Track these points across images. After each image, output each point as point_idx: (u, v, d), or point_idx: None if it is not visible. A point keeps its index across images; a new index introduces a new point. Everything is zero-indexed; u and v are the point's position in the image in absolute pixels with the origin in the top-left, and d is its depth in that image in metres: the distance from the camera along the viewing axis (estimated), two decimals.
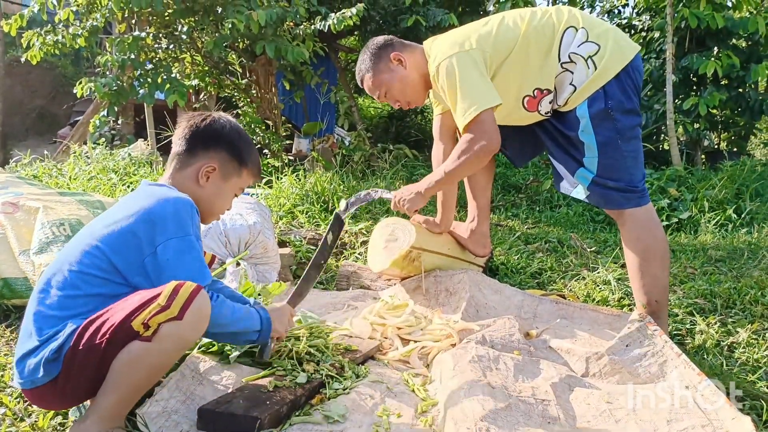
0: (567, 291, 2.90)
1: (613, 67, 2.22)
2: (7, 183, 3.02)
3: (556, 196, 5.14)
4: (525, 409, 1.60)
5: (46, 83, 12.40)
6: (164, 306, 1.41)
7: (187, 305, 1.42)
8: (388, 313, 2.29)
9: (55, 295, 1.51)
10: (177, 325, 1.41)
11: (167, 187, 1.69)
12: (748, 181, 4.84)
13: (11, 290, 2.41)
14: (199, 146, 1.74)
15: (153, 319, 1.40)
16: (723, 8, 6.23)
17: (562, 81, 2.29)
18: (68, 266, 1.53)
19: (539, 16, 2.33)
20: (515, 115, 2.41)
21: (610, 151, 2.26)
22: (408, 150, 6.24)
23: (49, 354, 1.44)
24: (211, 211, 1.80)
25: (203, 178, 1.73)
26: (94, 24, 4.66)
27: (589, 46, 2.25)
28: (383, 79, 2.49)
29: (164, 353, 1.45)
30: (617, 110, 2.23)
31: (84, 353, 1.42)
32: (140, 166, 5.15)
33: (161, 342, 1.41)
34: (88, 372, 1.44)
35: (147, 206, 1.56)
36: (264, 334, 1.69)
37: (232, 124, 1.81)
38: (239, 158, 1.78)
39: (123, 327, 1.41)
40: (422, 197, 2.46)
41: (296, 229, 3.62)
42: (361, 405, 1.65)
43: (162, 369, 1.50)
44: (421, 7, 6.29)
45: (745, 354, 2.26)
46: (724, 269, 3.13)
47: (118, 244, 1.53)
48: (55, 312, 1.50)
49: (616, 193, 2.29)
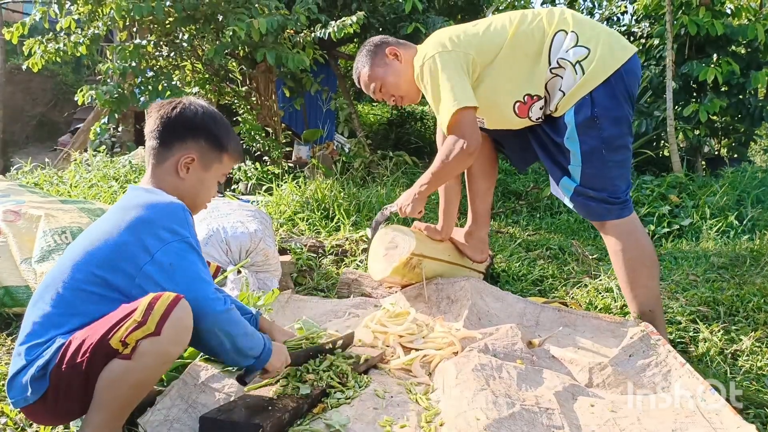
0: (569, 298, 2.89)
1: (601, 72, 2.17)
2: (9, 191, 3.02)
3: (557, 203, 5.14)
4: (529, 418, 1.59)
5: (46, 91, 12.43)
6: (140, 322, 1.35)
7: (164, 319, 1.36)
8: (389, 321, 2.28)
9: (48, 312, 1.47)
10: (156, 341, 1.36)
11: (154, 193, 1.61)
12: (749, 188, 4.84)
13: (12, 298, 2.40)
14: (173, 137, 1.65)
15: (130, 336, 1.35)
16: (722, 15, 6.26)
17: (553, 86, 2.25)
18: (61, 283, 1.48)
19: (529, 20, 2.29)
20: (506, 120, 2.39)
21: (594, 160, 2.21)
22: (408, 157, 6.25)
23: (35, 371, 1.40)
24: (195, 202, 1.72)
25: (183, 170, 1.65)
26: (95, 32, 4.68)
27: (578, 50, 2.19)
28: (378, 73, 2.50)
29: (146, 370, 1.39)
30: (604, 118, 2.18)
31: (68, 372, 1.38)
32: (141, 174, 5.16)
33: (141, 359, 1.36)
34: (75, 391, 1.40)
35: (137, 215, 1.51)
36: (261, 362, 1.59)
37: (205, 108, 1.71)
38: (218, 144, 1.70)
39: (102, 345, 1.36)
40: (419, 200, 2.50)
41: (297, 237, 3.61)
42: (364, 414, 1.64)
43: (147, 384, 1.44)
44: (420, 14, 6.32)
45: (748, 362, 2.26)
46: (727, 276, 3.12)
47: (110, 260, 1.48)
48: (46, 329, 1.45)
49: (596, 204, 2.26)
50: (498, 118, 2.41)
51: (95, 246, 1.50)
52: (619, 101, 2.19)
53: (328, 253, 3.41)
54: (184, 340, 1.43)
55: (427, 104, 2.69)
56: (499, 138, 2.63)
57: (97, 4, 4.62)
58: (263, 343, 1.58)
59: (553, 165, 2.36)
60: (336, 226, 3.85)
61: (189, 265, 1.48)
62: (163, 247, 1.47)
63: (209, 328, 1.47)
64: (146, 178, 1.69)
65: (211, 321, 1.46)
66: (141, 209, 1.52)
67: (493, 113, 2.38)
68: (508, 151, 2.67)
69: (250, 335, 1.55)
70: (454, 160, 2.31)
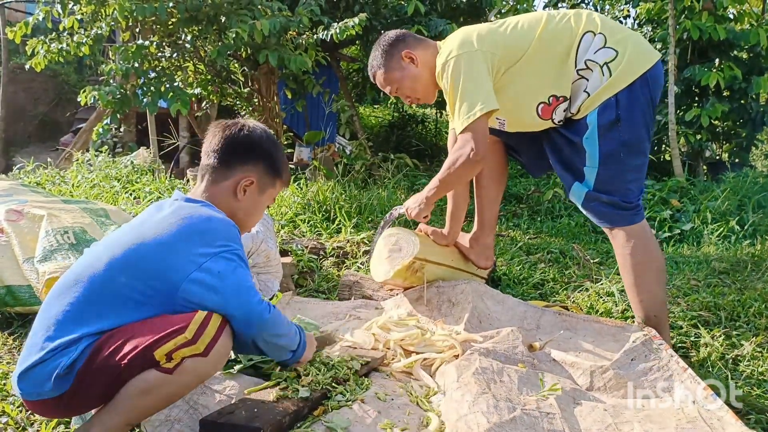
0: (570, 302, 2.89)
1: (628, 75, 2.15)
2: (12, 190, 3.03)
3: (558, 207, 5.14)
4: (530, 422, 1.59)
5: (49, 90, 12.43)
6: (190, 340, 1.38)
7: (214, 342, 1.40)
8: (393, 325, 2.28)
9: (77, 308, 1.45)
10: (201, 362, 1.39)
11: (206, 205, 1.62)
12: (750, 193, 4.84)
13: (15, 298, 2.41)
14: (235, 158, 1.67)
15: (178, 352, 1.37)
16: (725, 20, 6.26)
17: (577, 88, 2.23)
18: (98, 280, 1.46)
19: (556, 20, 2.27)
20: (529, 121, 2.36)
21: (612, 162, 2.21)
22: (409, 159, 6.25)
23: (60, 369, 1.39)
24: (245, 224, 1.74)
25: (241, 192, 1.67)
26: (98, 32, 4.68)
27: (606, 52, 2.18)
28: (394, 76, 2.47)
29: (183, 386, 1.42)
30: (626, 121, 2.17)
31: (98, 370, 1.38)
32: (143, 174, 5.17)
33: (182, 375, 1.38)
34: (98, 388, 1.41)
35: (189, 223, 1.52)
36: (296, 356, 1.67)
37: (267, 133, 1.75)
38: (275, 170, 1.73)
39: (145, 353, 1.36)
40: (427, 204, 2.50)
41: (298, 239, 3.61)
42: (364, 417, 1.64)
43: (176, 399, 1.47)
44: (423, 17, 6.31)
45: (749, 367, 2.25)
46: (728, 281, 3.12)
47: (157, 267, 1.46)
48: (75, 326, 1.43)
49: (608, 209, 2.25)
50: (520, 120, 2.39)
51: (141, 250, 1.49)
52: (643, 106, 2.18)
53: (329, 255, 3.41)
54: (221, 365, 1.50)
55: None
56: (515, 144, 2.62)
57: (100, 4, 4.62)
58: (299, 339, 1.67)
59: (564, 170, 2.35)
60: (337, 228, 3.85)
61: (237, 274, 1.50)
62: (214, 256, 1.49)
63: (257, 333, 1.53)
64: (198, 193, 1.69)
65: (258, 327, 1.52)
66: (196, 220, 1.53)
67: (516, 114, 2.36)
68: (524, 157, 2.65)
69: (290, 334, 1.64)
70: (461, 167, 2.31)
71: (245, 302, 1.49)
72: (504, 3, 6.79)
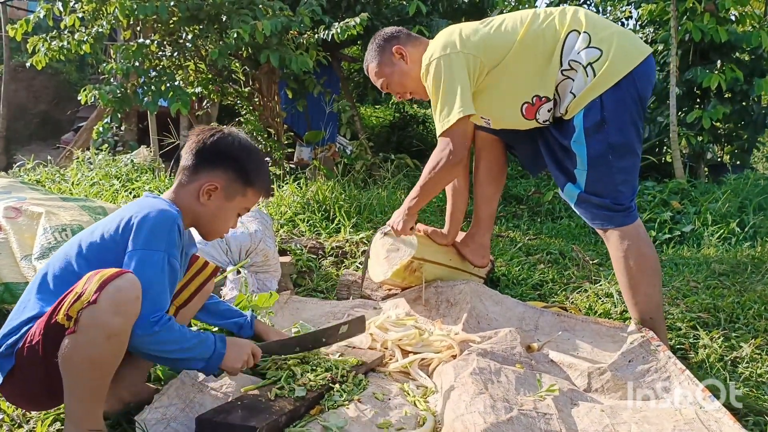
0: (568, 303, 2.88)
1: (613, 74, 2.12)
2: (10, 188, 3.02)
3: (558, 208, 5.14)
4: (527, 423, 1.58)
5: (50, 89, 12.45)
6: (80, 293, 1.36)
7: (101, 289, 1.34)
8: (391, 325, 2.27)
9: (29, 298, 1.52)
10: (95, 310, 1.34)
11: (160, 200, 1.65)
12: (751, 195, 4.83)
13: (12, 295, 2.40)
14: (204, 163, 1.69)
15: (72, 308, 1.35)
16: (727, 22, 6.25)
17: (564, 88, 2.21)
18: (53, 270, 1.53)
19: (541, 20, 2.25)
20: (513, 120, 2.37)
21: (600, 165, 2.18)
22: (409, 159, 6.25)
23: (4, 349, 1.45)
24: (210, 230, 1.75)
25: (204, 196, 1.68)
26: (99, 30, 4.68)
27: (590, 51, 2.14)
28: (384, 71, 2.52)
29: (93, 343, 1.35)
30: (612, 122, 2.13)
31: (28, 352, 1.42)
32: (142, 173, 5.16)
33: (85, 332, 1.34)
34: (38, 371, 1.43)
35: (130, 215, 1.54)
36: (210, 366, 1.57)
37: (241, 142, 1.74)
38: (245, 178, 1.72)
39: (50, 322, 1.38)
40: (409, 216, 2.53)
41: (297, 238, 3.61)
42: (361, 416, 1.63)
43: (103, 362, 1.39)
44: (424, 17, 6.32)
45: (748, 369, 2.24)
46: (728, 283, 3.11)
47: (100, 254, 1.52)
48: (20, 313, 1.50)
49: (599, 211, 2.24)
50: (504, 119, 2.40)
51: (93, 241, 1.55)
52: (628, 105, 2.14)
53: (328, 255, 3.41)
54: (127, 311, 1.38)
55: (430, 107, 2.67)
56: (513, 142, 2.62)
57: (101, 2, 4.63)
58: (212, 349, 1.56)
59: (557, 171, 2.34)
60: (336, 227, 3.85)
61: (144, 276, 1.45)
62: (132, 251, 1.49)
63: (135, 346, 1.45)
64: (168, 192, 1.73)
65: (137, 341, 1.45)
66: (136, 210, 1.55)
67: (500, 113, 2.37)
68: (521, 156, 2.66)
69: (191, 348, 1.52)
70: (442, 170, 2.34)
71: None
72: (506, 3, 6.78)
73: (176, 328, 1.50)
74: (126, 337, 1.42)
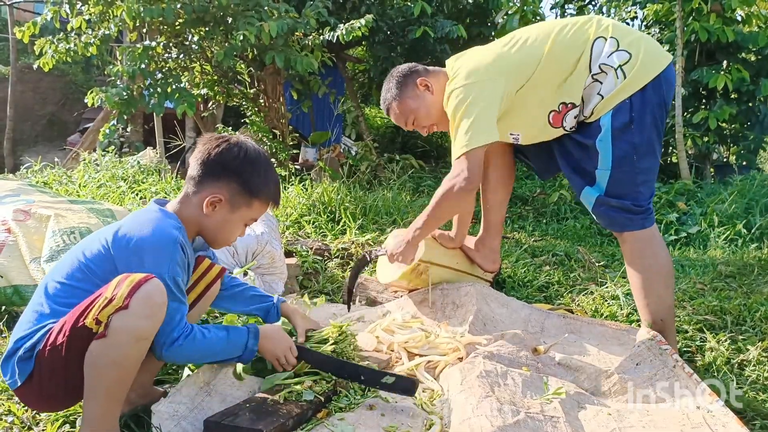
0: (574, 305, 2.88)
1: (642, 77, 2.16)
2: (19, 190, 3.04)
3: (563, 209, 5.13)
4: (534, 426, 1.58)
5: (56, 90, 12.50)
6: (110, 298, 1.39)
7: (132, 294, 1.38)
8: (397, 328, 2.28)
9: (46, 303, 1.53)
10: (124, 315, 1.38)
11: (164, 215, 1.64)
12: (758, 196, 4.80)
13: (22, 297, 2.42)
14: (208, 174, 1.68)
15: (102, 313, 1.38)
16: (733, 22, 6.22)
17: (590, 91, 2.23)
18: (60, 277, 1.55)
19: (567, 29, 2.27)
20: (542, 132, 2.37)
21: (625, 165, 2.20)
22: (415, 160, 6.26)
23: (23, 352, 1.46)
24: (216, 239, 1.75)
25: (208, 208, 1.67)
26: (105, 33, 4.70)
27: (620, 54, 2.18)
28: (410, 105, 2.47)
29: (121, 347, 1.40)
30: (639, 123, 2.17)
31: (49, 354, 1.43)
32: (149, 174, 5.18)
33: (114, 336, 1.38)
34: (59, 373, 1.45)
35: (131, 233, 1.55)
36: (245, 358, 1.66)
37: (248, 152, 1.71)
38: (249, 190, 1.70)
39: (77, 326, 1.40)
40: (411, 246, 2.47)
41: (303, 240, 3.61)
42: (368, 420, 1.64)
43: (128, 363, 1.44)
44: (429, 18, 6.32)
45: (755, 372, 2.24)
46: (734, 285, 3.10)
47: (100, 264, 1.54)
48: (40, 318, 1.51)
49: (618, 214, 2.24)
50: (533, 132, 2.40)
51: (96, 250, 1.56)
52: (654, 108, 2.18)
53: (334, 257, 3.42)
54: (155, 315, 1.44)
55: None
56: (523, 148, 2.61)
57: (107, 5, 4.65)
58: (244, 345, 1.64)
59: (574, 174, 2.35)
60: (342, 229, 3.85)
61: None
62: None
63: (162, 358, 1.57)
64: (175, 201, 1.73)
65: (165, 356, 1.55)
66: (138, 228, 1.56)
67: (529, 127, 2.37)
68: (532, 160, 2.65)
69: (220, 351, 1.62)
70: (454, 197, 2.30)
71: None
72: (511, 4, 6.77)
73: (199, 337, 1.55)
74: (151, 340, 1.47)
